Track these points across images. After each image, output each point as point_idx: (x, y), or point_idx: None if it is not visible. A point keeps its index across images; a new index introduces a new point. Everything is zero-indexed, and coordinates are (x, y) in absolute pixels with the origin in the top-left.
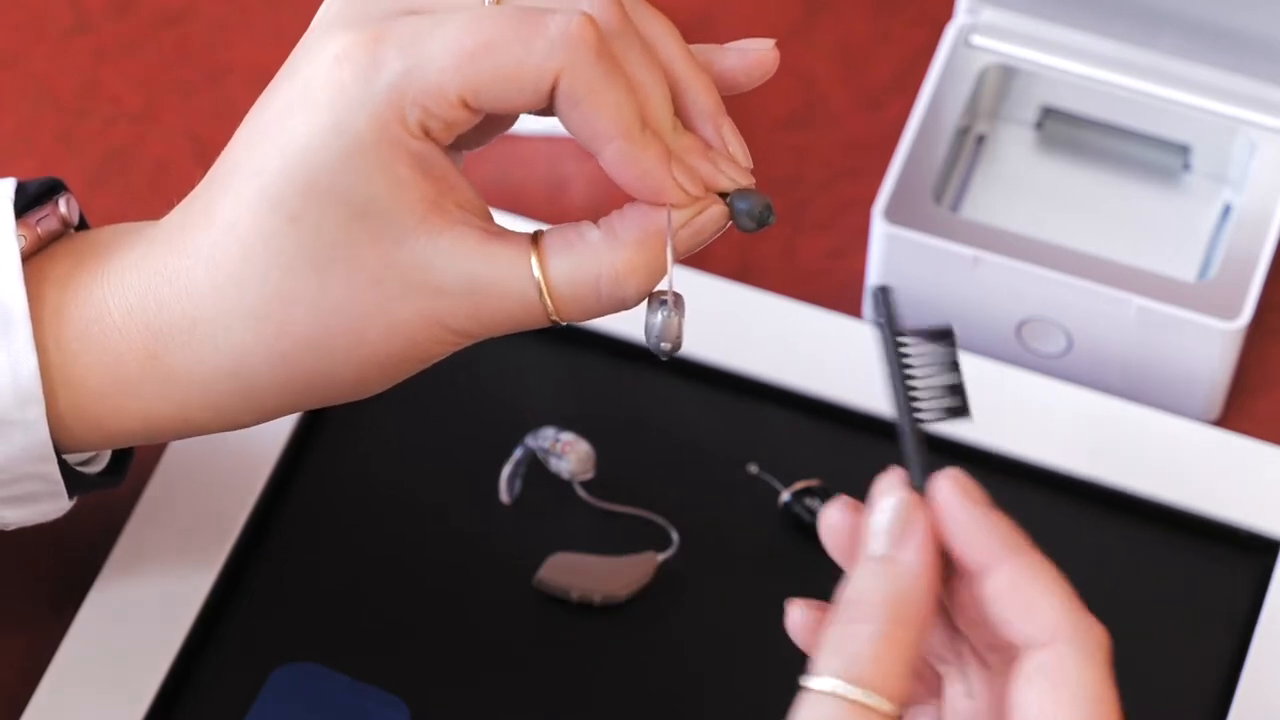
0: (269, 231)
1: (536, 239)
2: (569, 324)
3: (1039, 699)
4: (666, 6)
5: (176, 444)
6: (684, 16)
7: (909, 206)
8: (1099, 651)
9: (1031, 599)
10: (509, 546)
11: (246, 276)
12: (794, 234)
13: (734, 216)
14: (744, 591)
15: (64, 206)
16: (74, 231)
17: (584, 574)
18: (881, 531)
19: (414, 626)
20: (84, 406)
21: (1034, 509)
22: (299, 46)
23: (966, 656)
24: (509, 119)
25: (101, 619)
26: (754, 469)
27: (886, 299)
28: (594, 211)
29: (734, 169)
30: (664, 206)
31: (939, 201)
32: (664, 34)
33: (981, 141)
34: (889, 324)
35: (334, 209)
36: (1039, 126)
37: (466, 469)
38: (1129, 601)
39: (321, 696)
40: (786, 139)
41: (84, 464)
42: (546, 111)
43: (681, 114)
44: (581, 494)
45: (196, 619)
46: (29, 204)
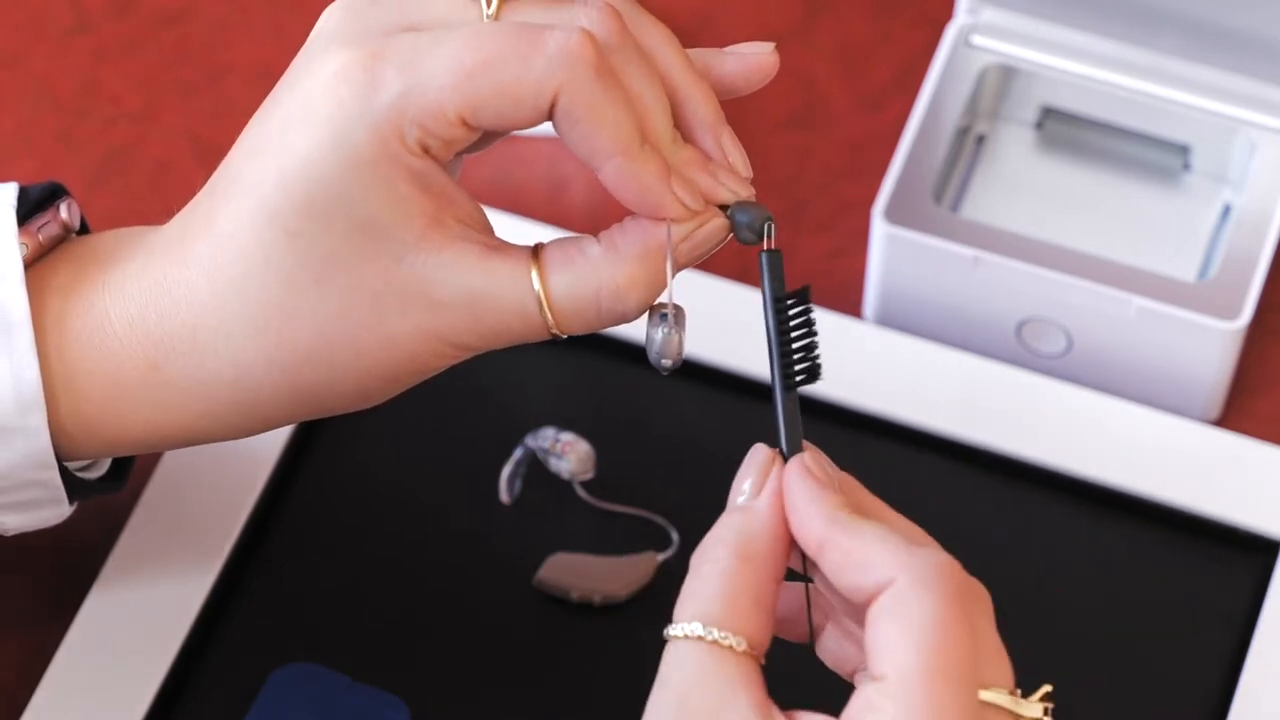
0: (268, 243)
1: (536, 253)
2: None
3: (883, 636)
4: (666, 7)
5: None
6: (684, 18)
7: (909, 207)
8: (939, 578)
9: (862, 556)
10: (509, 547)
11: (247, 287)
12: (794, 234)
13: (734, 229)
14: None
15: (65, 212)
16: (75, 236)
17: (584, 574)
18: (741, 488)
19: (414, 626)
20: (85, 415)
21: (1034, 509)
22: (300, 57)
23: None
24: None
25: (101, 620)
26: None
27: (776, 265)
28: (594, 211)
29: (734, 181)
30: (664, 221)
31: (939, 202)
32: (663, 43)
33: (981, 142)
34: (777, 290)
35: (332, 225)
36: (1039, 126)
37: (466, 469)
38: (1129, 601)
39: (321, 696)
40: (786, 140)
41: (84, 469)
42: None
43: (681, 124)
44: (581, 494)
45: (196, 619)
46: (31, 209)
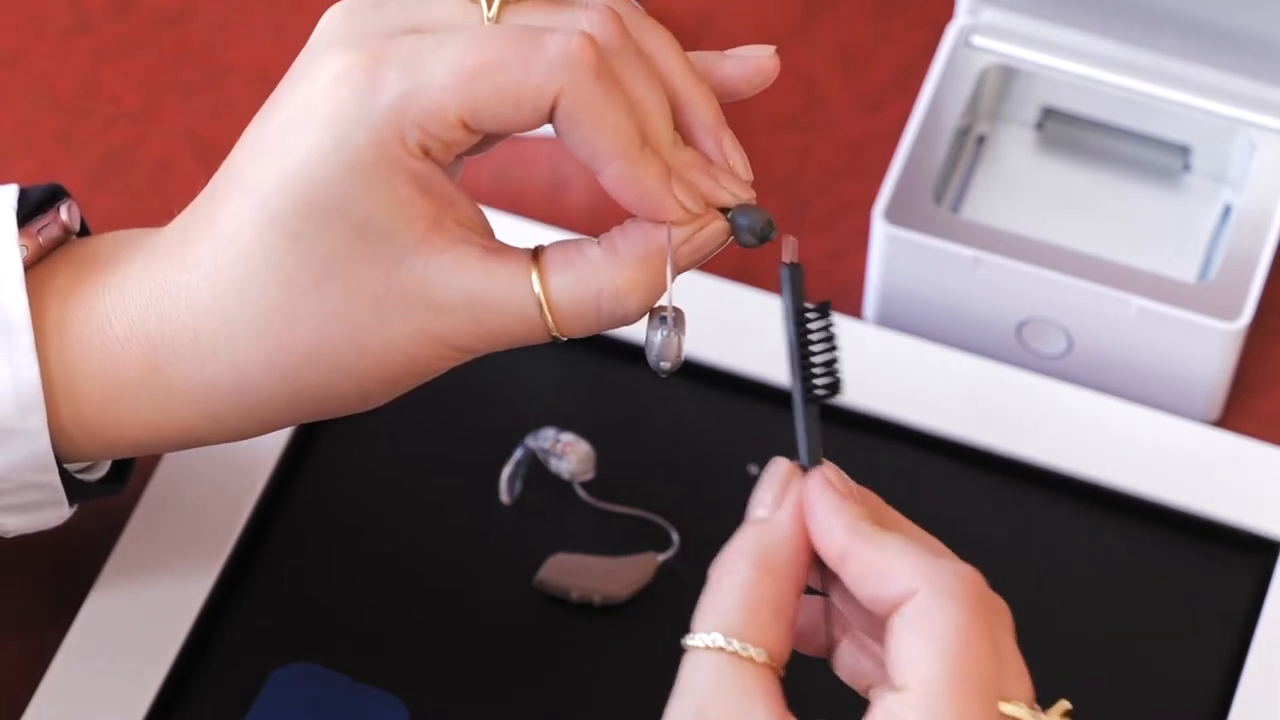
0: (268, 246)
1: (537, 255)
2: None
3: (905, 647)
4: (667, 8)
5: None
6: (684, 18)
7: (909, 207)
8: (962, 590)
9: (884, 567)
10: (509, 547)
11: (247, 290)
12: (794, 235)
13: (735, 232)
14: None
15: (65, 214)
16: (75, 238)
17: (584, 574)
18: (761, 501)
19: (414, 627)
20: (85, 417)
21: (1034, 510)
22: (301, 58)
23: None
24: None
25: (102, 620)
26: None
27: (797, 279)
28: (594, 213)
29: (735, 184)
30: (664, 224)
31: (939, 202)
32: (663, 46)
33: (982, 142)
34: (798, 304)
35: (333, 227)
36: (1039, 127)
37: (467, 469)
38: (1129, 601)
39: (321, 697)
40: (786, 140)
41: (84, 471)
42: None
43: (681, 127)
44: (582, 494)
45: (197, 620)
46: (31, 211)
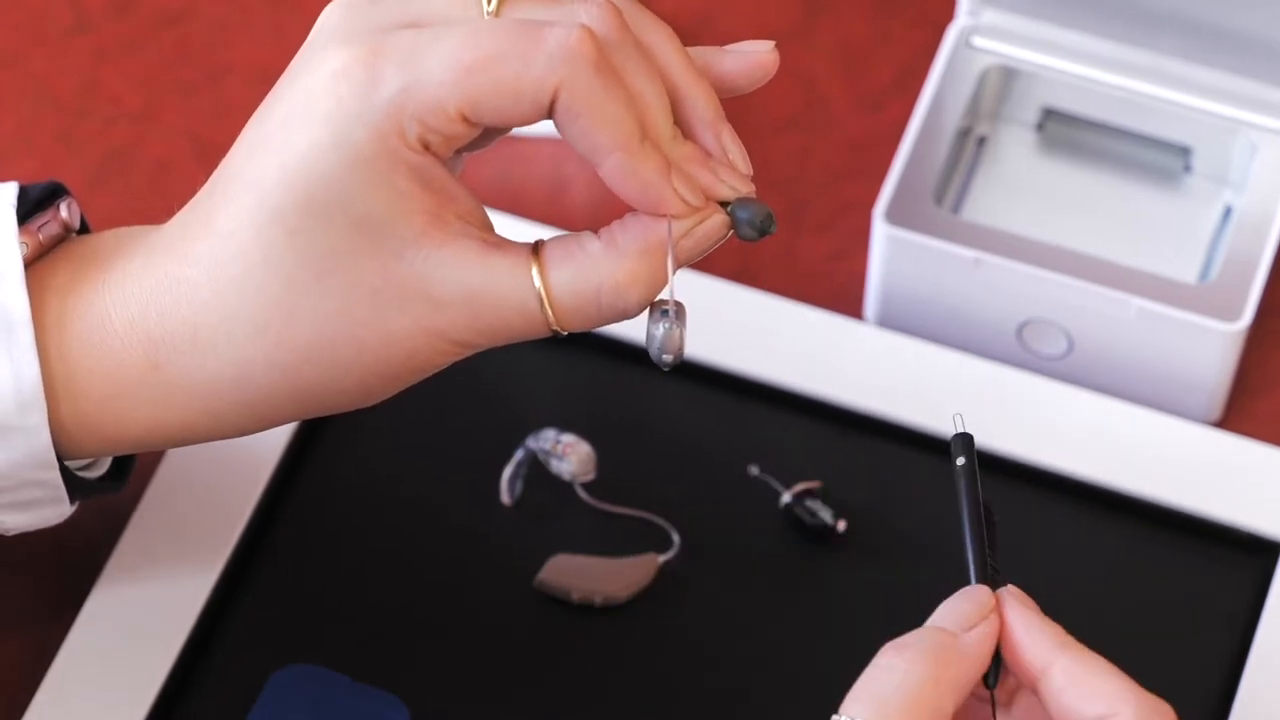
0: (268, 242)
1: (537, 249)
2: (569, 334)
3: None
4: (667, 7)
5: None
6: (684, 17)
7: (910, 208)
8: None
9: (1092, 685)
10: (510, 548)
11: (247, 286)
12: (794, 235)
13: (735, 226)
14: (745, 593)
15: (65, 211)
16: (75, 236)
17: (585, 575)
18: (951, 613)
19: (414, 627)
20: (86, 414)
21: (1035, 510)
22: (300, 55)
23: None
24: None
25: (103, 620)
26: (755, 471)
27: (970, 446)
28: (595, 212)
29: (734, 177)
30: (664, 217)
31: (940, 203)
32: (663, 41)
33: (982, 143)
34: (972, 468)
35: (332, 222)
36: (1040, 128)
37: (467, 470)
38: (1129, 602)
39: (321, 697)
40: (787, 140)
41: (85, 468)
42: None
43: (681, 122)
44: (582, 495)
45: (197, 620)
46: (31, 209)
